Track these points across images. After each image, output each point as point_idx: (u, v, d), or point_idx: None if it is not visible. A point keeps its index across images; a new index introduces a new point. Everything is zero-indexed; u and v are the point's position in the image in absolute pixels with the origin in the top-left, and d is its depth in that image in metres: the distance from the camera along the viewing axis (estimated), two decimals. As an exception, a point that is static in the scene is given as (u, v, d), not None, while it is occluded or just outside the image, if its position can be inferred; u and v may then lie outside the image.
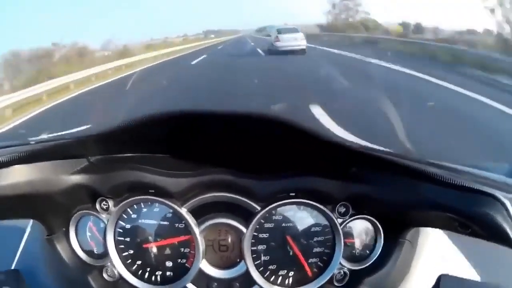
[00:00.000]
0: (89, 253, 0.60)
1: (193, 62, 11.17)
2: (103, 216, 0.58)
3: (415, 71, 6.86)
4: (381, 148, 0.52)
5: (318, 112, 4.03)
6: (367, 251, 0.59)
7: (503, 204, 0.41)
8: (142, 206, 0.58)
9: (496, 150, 2.92)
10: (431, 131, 3.42)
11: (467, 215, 0.44)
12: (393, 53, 9.57)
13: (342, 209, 0.57)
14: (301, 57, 10.46)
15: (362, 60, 9.07)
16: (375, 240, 0.58)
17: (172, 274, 0.58)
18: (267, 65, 9.35)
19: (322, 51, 12.41)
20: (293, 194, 0.56)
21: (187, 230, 0.57)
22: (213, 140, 0.57)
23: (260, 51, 12.89)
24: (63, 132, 0.52)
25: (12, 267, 0.61)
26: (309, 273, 0.57)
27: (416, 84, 6.01)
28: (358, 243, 0.59)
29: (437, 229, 0.59)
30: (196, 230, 0.56)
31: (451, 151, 2.77)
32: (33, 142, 0.50)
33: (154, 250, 0.57)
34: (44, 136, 0.55)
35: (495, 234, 0.42)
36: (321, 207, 0.56)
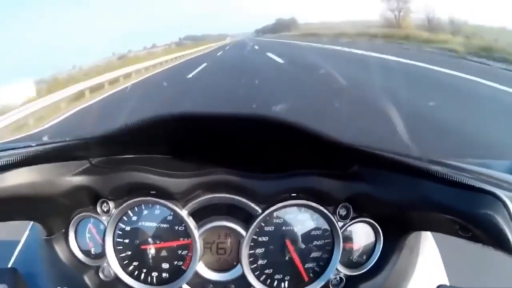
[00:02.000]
0: (86, 253, 0.60)
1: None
2: (104, 218, 0.58)
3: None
4: (382, 147, 0.51)
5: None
6: (365, 257, 0.59)
7: (503, 203, 0.41)
8: (143, 208, 0.58)
9: (499, 147, 2.91)
10: (432, 128, 3.41)
11: (467, 214, 0.43)
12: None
13: (343, 212, 0.57)
14: (300, 56, 10.33)
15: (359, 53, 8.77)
16: (374, 246, 0.58)
17: (168, 275, 0.58)
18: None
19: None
20: (295, 195, 0.56)
21: (187, 233, 0.57)
22: (215, 141, 0.57)
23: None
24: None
25: (9, 266, 0.61)
26: (305, 278, 0.58)
27: (417, 76, 5.88)
28: (356, 248, 0.59)
29: (437, 237, 0.59)
30: (196, 233, 0.56)
31: (453, 148, 2.76)
32: (34, 145, 0.50)
33: (152, 251, 0.57)
34: (45, 138, 0.55)
35: (494, 237, 0.41)
36: (322, 208, 0.56)
